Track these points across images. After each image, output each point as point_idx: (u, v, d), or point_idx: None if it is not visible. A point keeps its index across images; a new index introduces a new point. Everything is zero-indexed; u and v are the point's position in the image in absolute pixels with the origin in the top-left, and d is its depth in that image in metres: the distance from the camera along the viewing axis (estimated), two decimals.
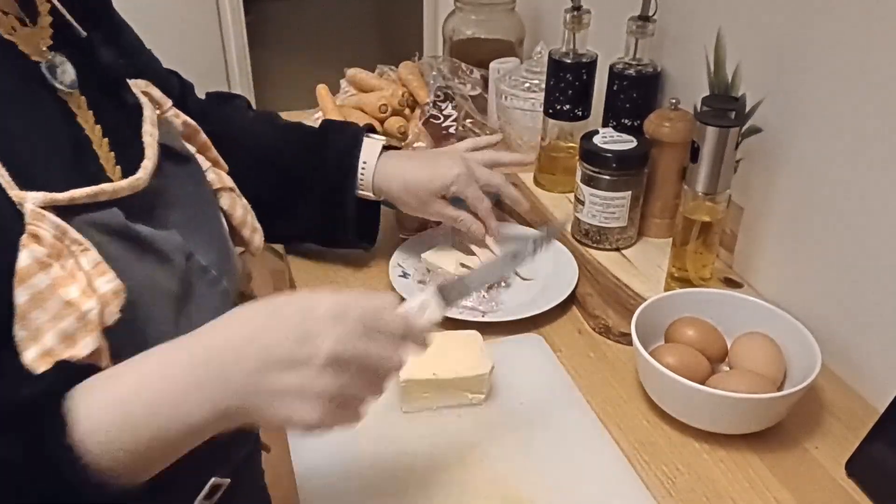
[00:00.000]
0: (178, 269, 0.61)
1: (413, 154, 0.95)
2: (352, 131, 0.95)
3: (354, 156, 0.91)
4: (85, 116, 0.60)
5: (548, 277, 0.96)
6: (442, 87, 1.25)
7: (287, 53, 3.11)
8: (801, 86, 0.85)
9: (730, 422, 0.72)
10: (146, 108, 0.67)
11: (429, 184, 0.90)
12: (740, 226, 0.96)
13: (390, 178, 0.91)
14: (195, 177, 0.71)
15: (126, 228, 0.57)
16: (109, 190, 0.57)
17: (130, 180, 0.59)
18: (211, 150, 0.75)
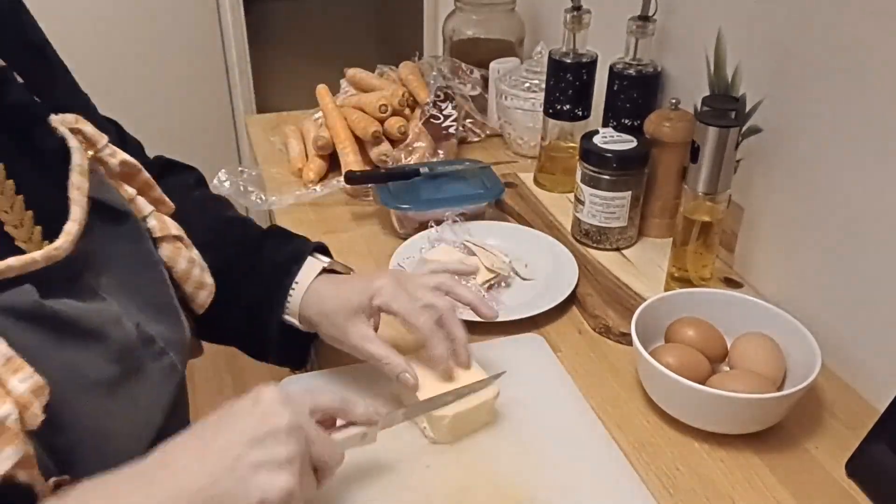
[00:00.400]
0: (115, 345, 0.54)
1: (349, 278, 0.77)
2: (296, 245, 0.79)
3: (289, 273, 0.75)
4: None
5: (548, 277, 0.96)
6: (442, 87, 1.25)
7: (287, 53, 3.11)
8: (801, 86, 0.85)
9: (730, 422, 0.72)
10: (75, 154, 0.57)
11: (345, 304, 0.71)
12: (740, 226, 0.96)
13: (312, 303, 0.74)
14: (132, 234, 0.62)
15: (40, 309, 0.49)
16: (17, 265, 0.48)
17: (46, 251, 0.51)
18: (154, 189, 0.66)
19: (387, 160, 1.18)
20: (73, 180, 0.56)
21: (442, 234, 1.02)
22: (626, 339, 0.83)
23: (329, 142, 1.20)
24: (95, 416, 0.52)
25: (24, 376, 0.45)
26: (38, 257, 0.50)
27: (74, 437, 0.49)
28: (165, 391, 0.60)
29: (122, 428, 0.54)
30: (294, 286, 0.75)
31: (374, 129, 1.18)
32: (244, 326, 0.78)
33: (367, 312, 0.72)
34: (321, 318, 0.73)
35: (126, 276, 0.59)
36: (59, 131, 0.57)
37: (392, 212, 1.06)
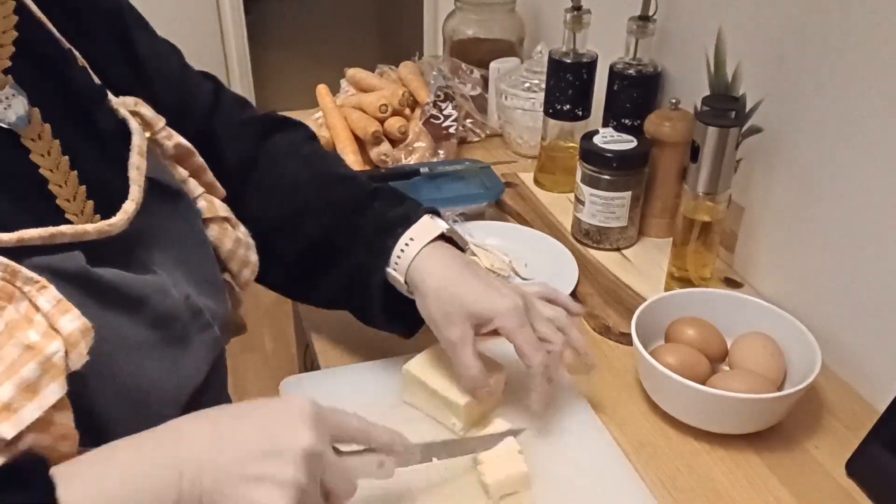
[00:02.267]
0: (157, 312, 0.55)
1: (472, 264, 0.72)
2: (407, 206, 0.76)
3: (394, 233, 0.72)
4: (45, 149, 0.53)
5: (548, 277, 0.96)
6: (442, 87, 1.25)
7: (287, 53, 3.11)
8: (801, 86, 0.85)
9: (730, 422, 0.72)
10: (135, 136, 0.60)
11: (471, 303, 0.67)
12: (740, 226, 0.96)
13: (428, 271, 0.70)
14: (185, 213, 0.64)
15: (85, 273, 0.51)
16: (69, 233, 0.51)
17: (100, 225, 0.53)
18: (206, 173, 0.68)
19: (387, 160, 1.18)
20: (132, 160, 0.58)
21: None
22: (626, 339, 0.83)
23: (329, 142, 1.20)
24: (133, 375, 0.53)
25: (72, 317, 0.47)
26: (90, 229, 0.52)
27: (112, 395, 0.50)
28: (205, 362, 0.62)
29: (160, 389, 0.55)
30: (407, 243, 0.71)
31: (374, 129, 1.18)
32: (347, 288, 0.76)
33: (481, 323, 0.68)
34: (431, 293, 0.69)
35: (178, 252, 0.61)
36: (121, 113, 0.60)
37: None
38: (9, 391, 0.44)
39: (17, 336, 0.45)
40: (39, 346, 0.46)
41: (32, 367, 0.45)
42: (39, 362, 0.45)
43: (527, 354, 0.67)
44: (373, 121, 1.19)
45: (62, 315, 0.47)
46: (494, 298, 0.68)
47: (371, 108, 1.21)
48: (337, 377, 0.79)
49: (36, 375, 0.45)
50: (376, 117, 1.20)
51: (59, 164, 0.53)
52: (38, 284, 0.47)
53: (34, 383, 0.45)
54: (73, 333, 0.47)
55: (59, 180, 0.53)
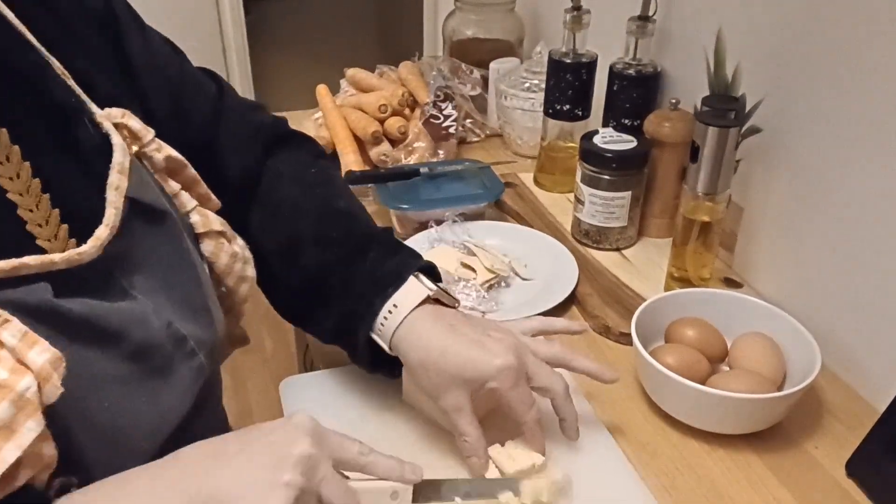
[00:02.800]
0: (134, 344, 0.53)
1: (458, 321, 0.67)
2: (400, 259, 0.71)
3: (384, 293, 0.68)
4: (13, 171, 0.50)
5: (548, 277, 0.96)
6: (442, 87, 1.25)
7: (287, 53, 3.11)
8: (801, 86, 0.85)
9: (730, 422, 0.72)
10: (117, 152, 0.56)
11: (456, 370, 0.64)
12: (740, 226, 0.96)
13: (411, 342, 0.66)
14: (170, 234, 0.60)
15: (51, 306, 0.48)
16: (34, 264, 0.48)
17: (69, 254, 0.50)
18: (200, 185, 0.65)
19: (387, 160, 1.18)
20: (111, 179, 0.55)
21: (442, 234, 1.02)
22: (626, 339, 0.83)
23: (329, 142, 1.21)
24: (108, 412, 0.51)
25: (41, 349, 0.45)
26: (56, 259, 0.49)
27: (86, 433, 0.49)
28: (190, 391, 0.59)
29: (138, 424, 0.53)
30: (391, 310, 0.67)
31: (374, 129, 1.18)
32: (336, 332, 0.73)
33: (476, 388, 0.64)
34: (417, 366, 0.66)
35: (162, 276, 0.58)
36: (104, 127, 0.57)
37: (392, 212, 1.06)
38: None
39: None
40: (10, 383, 0.43)
41: (5, 406, 0.43)
42: (12, 400, 0.43)
43: (519, 414, 0.65)
44: (372, 121, 1.19)
45: (30, 349, 0.45)
46: (483, 362, 0.64)
47: (371, 108, 1.21)
48: (337, 377, 0.79)
49: (10, 415, 0.43)
50: (376, 117, 1.20)
51: (29, 186, 0.50)
52: (1, 318, 0.45)
53: (9, 423, 0.43)
54: (43, 367, 0.45)
55: (30, 204, 0.50)
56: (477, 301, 0.91)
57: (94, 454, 0.50)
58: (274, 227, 0.75)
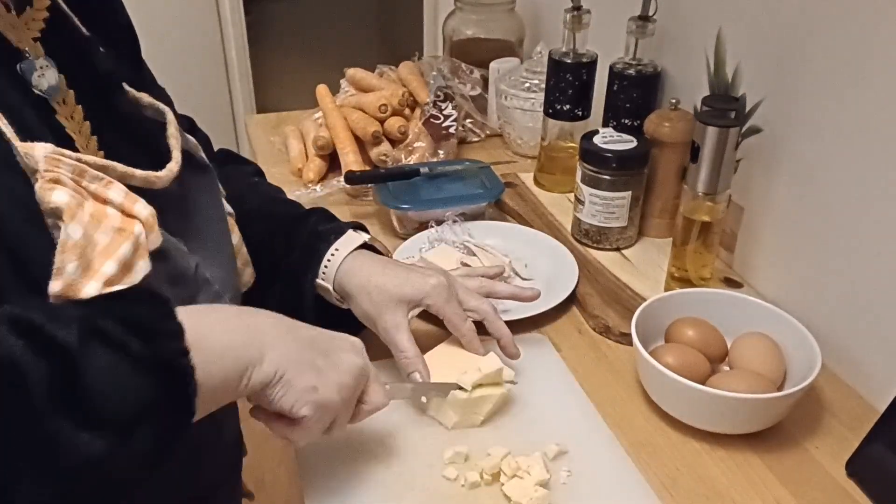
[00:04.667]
0: (175, 270, 0.59)
1: (392, 261, 0.79)
2: (337, 223, 0.82)
3: (327, 240, 0.77)
4: (69, 112, 0.57)
5: (548, 277, 0.96)
6: (442, 87, 1.25)
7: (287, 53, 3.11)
8: (801, 86, 0.85)
9: (730, 422, 0.72)
10: (168, 113, 0.65)
11: (394, 289, 0.73)
12: (740, 226, 0.96)
13: (353, 273, 0.75)
14: (212, 187, 0.69)
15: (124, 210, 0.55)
16: (119, 170, 0.55)
17: (147, 174, 0.58)
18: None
19: (387, 160, 1.18)
20: (170, 131, 0.64)
21: (442, 234, 1.02)
22: (626, 339, 0.83)
23: (329, 142, 1.20)
24: None
25: (143, 204, 0.54)
26: (137, 175, 0.57)
27: None
28: None
29: None
30: (333, 253, 0.76)
31: (374, 129, 1.18)
32: (284, 291, 0.79)
33: (412, 306, 0.74)
34: (360, 291, 0.74)
35: (200, 223, 0.65)
36: (144, 100, 0.65)
37: (392, 212, 1.06)
38: (112, 267, 0.51)
39: (104, 222, 0.51)
40: (127, 228, 0.52)
41: (127, 246, 0.52)
42: (132, 242, 0.52)
43: (456, 324, 0.75)
44: (373, 121, 1.19)
45: (134, 203, 0.53)
46: (419, 280, 0.74)
47: (371, 108, 1.21)
48: None
49: (130, 253, 0.52)
50: (376, 117, 1.20)
51: (81, 127, 0.57)
52: (105, 181, 0.53)
53: (129, 261, 0.52)
54: (147, 218, 0.53)
55: (82, 143, 0.57)
56: None
57: None
58: None
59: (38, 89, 0.55)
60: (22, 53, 0.55)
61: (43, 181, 0.50)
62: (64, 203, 0.50)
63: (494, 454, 0.68)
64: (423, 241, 1.02)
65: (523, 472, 0.66)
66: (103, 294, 0.50)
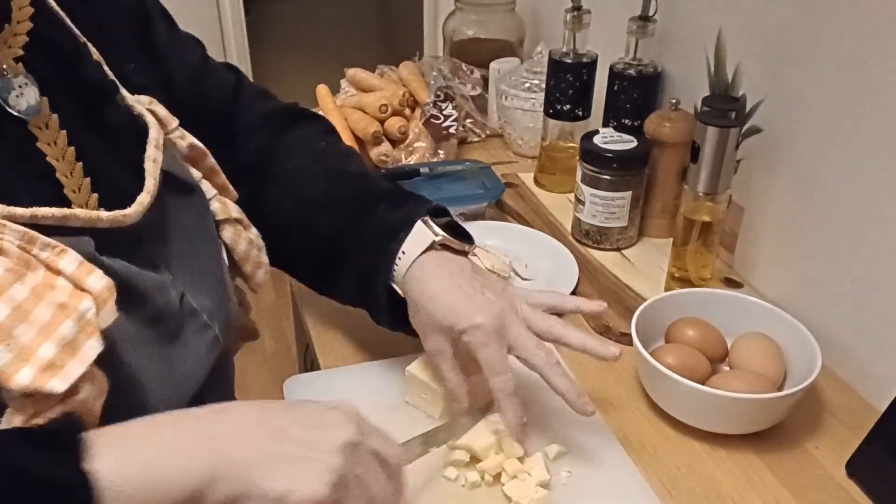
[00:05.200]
0: (154, 310, 0.56)
1: (460, 272, 0.69)
2: (410, 207, 0.74)
3: (396, 239, 0.71)
4: (52, 138, 0.53)
5: (548, 277, 0.96)
6: (442, 87, 1.25)
7: (287, 53, 3.11)
8: (801, 86, 0.85)
9: (730, 422, 0.72)
10: (152, 129, 0.61)
11: (439, 316, 0.66)
12: (740, 226, 0.96)
13: (414, 282, 0.69)
14: (198, 209, 0.65)
15: (94, 260, 0.50)
16: (82, 216, 0.51)
17: (114, 214, 0.53)
18: (219, 175, 0.69)
19: (387, 160, 1.18)
20: (149, 153, 0.59)
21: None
22: (627, 340, 0.83)
23: None
24: (131, 369, 0.53)
25: (97, 276, 0.49)
26: (103, 217, 0.53)
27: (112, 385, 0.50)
28: (205, 362, 0.62)
29: (156, 387, 0.55)
30: (400, 256, 0.70)
31: (375, 130, 1.18)
32: (356, 290, 0.75)
33: (453, 337, 0.66)
34: (415, 306, 0.69)
35: (185, 248, 0.61)
36: (136, 109, 0.61)
37: None
38: (51, 350, 0.45)
39: (46, 297, 0.46)
40: (72, 304, 0.47)
41: (69, 324, 0.46)
42: (75, 320, 0.46)
43: (487, 374, 0.65)
44: (373, 121, 1.19)
45: (88, 275, 0.48)
46: (463, 314, 0.65)
47: (371, 108, 1.21)
48: (337, 377, 0.79)
49: (73, 332, 0.46)
50: (376, 117, 1.20)
51: (65, 153, 0.54)
52: (58, 249, 0.48)
53: (73, 340, 0.46)
54: (101, 291, 0.48)
55: (66, 170, 0.54)
56: None
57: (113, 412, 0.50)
58: (287, 197, 0.78)
59: (15, 110, 0.52)
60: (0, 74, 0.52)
61: None
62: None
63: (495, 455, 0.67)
64: None
65: (524, 474, 0.66)
66: (17, 432, 0.44)
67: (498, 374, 0.65)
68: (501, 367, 0.65)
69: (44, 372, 0.45)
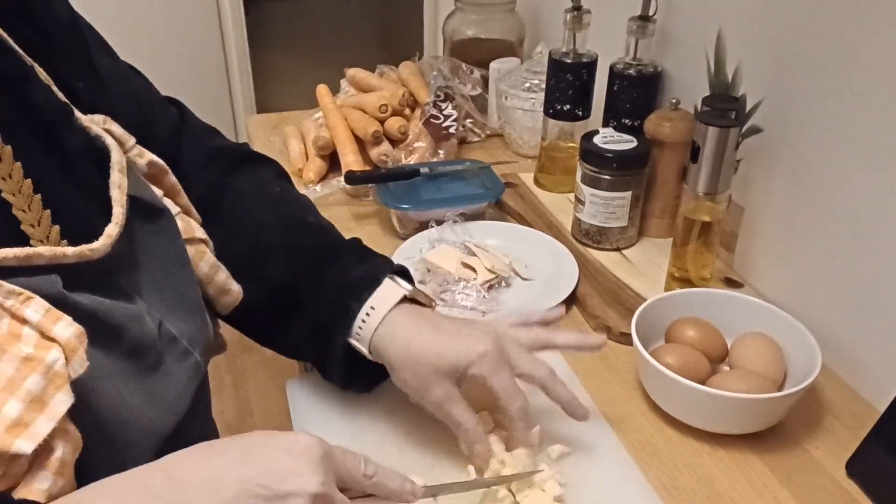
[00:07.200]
0: (132, 342, 0.53)
1: (437, 318, 0.69)
2: (373, 264, 0.72)
3: (359, 297, 0.68)
4: (6, 171, 0.50)
5: (548, 277, 0.96)
6: (442, 87, 1.25)
7: (287, 53, 3.11)
8: (801, 86, 0.85)
9: (730, 422, 0.72)
10: (114, 152, 0.56)
11: (436, 359, 0.64)
12: (740, 226, 0.96)
13: (392, 338, 0.66)
14: (167, 233, 0.61)
15: (62, 298, 0.48)
16: (47, 255, 0.48)
17: (80, 250, 0.50)
18: (180, 195, 0.65)
19: (387, 160, 1.18)
20: (113, 179, 0.55)
21: (442, 234, 1.02)
22: (627, 339, 0.83)
23: (329, 142, 1.21)
24: (113, 406, 0.51)
25: (65, 324, 0.45)
26: (69, 253, 0.49)
27: (90, 427, 0.48)
28: (188, 389, 0.59)
29: (140, 420, 0.53)
30: (368, 313, 0.67)
31: (374, 129, 1.18)
32: (308, 342, 0.72)
33: (460, 377, 0.65)
34: (403, 365, 0.66)
35: (158, 274, 0.58)
36: (93, 130, 0.57)
37: (392, 212, 1.06)
38: (16, 407, 0.42)
39: (9, 350, 0.43)
40: (38, 356, 0.43)
41: (35, 378, 0.43)
42: (41, 373, 0.43)
43: (505, 403, 0.65)
44: (373, 121, 1.19)
45: (54, 323, 0.45)
46: (463, 347, 0.65)
47: (371, 108, 1.21)
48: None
49: (40, 387, 0.43)
50: (376, 117, 1.20)
51: (21, 187, 0.50)
52: (23, 296, 0.45)
53: (40, 395, 0.43)
54: (70, 340, 0.45)
55: (23, 204, 0.50)
56: (477, 301, 0.91)
57: (96, 450, 0.49)
58: (237, 242, 0.73)
59: None
60: None
61: None
62: None
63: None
64: (424, 241, 1.02)
65: (537, 490, 0.65)
66: None
67: (516, 398, 0.65)
68: (516, 390, 0.65)
69: (9, 432, 0.42)
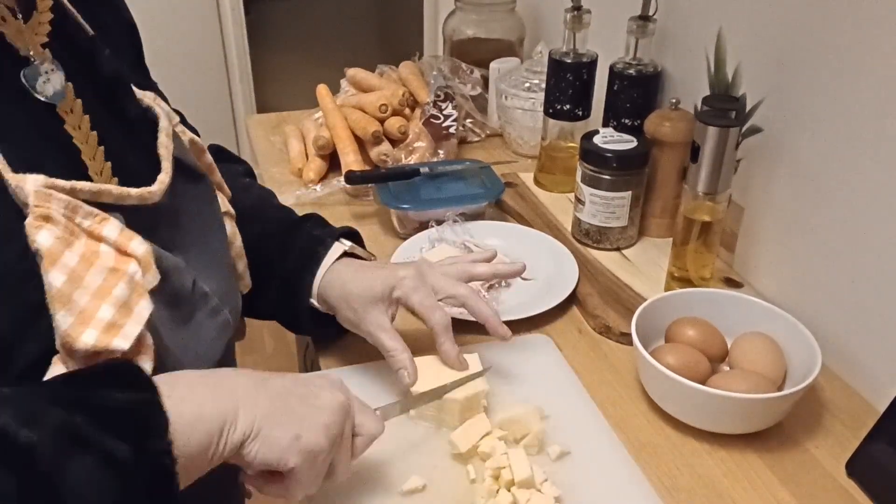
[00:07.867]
0: (172, 291, 0.57)
1: (371, 264, 0.79)
2: (329, 229, 0.83)
3: (316, 253, 0.78)
4: (77, 122, 0.56)
5: (548, 277, 0.96)
6: (442, 87, 1.25)
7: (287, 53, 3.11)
8: (801, 86, 0.85)
9: (730, 422, 0.72)
10: (162, 119, 0.63)
11: (365, 290, 0.73)
12: (740, 226, 0.96)
13: (332, 284, 0.76)
14: (206, 196, 0.67)
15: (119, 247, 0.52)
16: (115, 192, 0.53)
17: (141, 191, 0.56)
18: (216, 173, 0.71)
19: (387, 160, 1.18)
20: (161, 140, 0.62)
21: (442, 234, 1.02)
22: (627, 339, 0.83)
23: (329, 142, 1.21)
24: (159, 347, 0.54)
25: (139, 241, 0.52)
26: (133, 193, 0.55)
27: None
28: (216, 345, 0.63)
29: (172, 367, 0.56)
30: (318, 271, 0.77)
31: (374, 129, 1.18)
32: (279, 301, 0.80)
33: (387, 302, 0.73)
34: (340, 301, 0.75)
35: (196, 234, 0.63)
36: (145, 102, 0.63)
37: (392, 212, 1.06)
38: (109, 311, 0.48)
39: (96, 263, 0.49)
40: (121, 268, 0.50)
41: (122, 286, 0.49)
42: (126, 282, 0.49)
43: (424, 315, 0.73)
44: (373, 121, 1.19)
45: (130, 240, 0.51)
46: (387, 275, 0.73)
47: (371, 108, 1.21)
48: (343, 377, 0.79)
49: (126, 294, 0.49)
50: (376, 117, 1.20)
51: (88, 138, 0.56)
52: (99, 217, 0.51)
53: (126, 301, 0.49)
54: (144, 255, 0.51)
55: (89, 153, 0.56)
56: None
57: None
58: None
59: (43, 96, 0.53)
60: (28, 61, 0.53)
61: (32, 217, 0.47)
62: (46, 247, 0.47)
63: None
64: (424, 241, 1.02)
65: (535, 491, 0.65)
66: (83, 371, 0.47)
67: (435, 311, 0.72)
68: (435, 304, 0.73)
69: (106, 332, 0.48)
